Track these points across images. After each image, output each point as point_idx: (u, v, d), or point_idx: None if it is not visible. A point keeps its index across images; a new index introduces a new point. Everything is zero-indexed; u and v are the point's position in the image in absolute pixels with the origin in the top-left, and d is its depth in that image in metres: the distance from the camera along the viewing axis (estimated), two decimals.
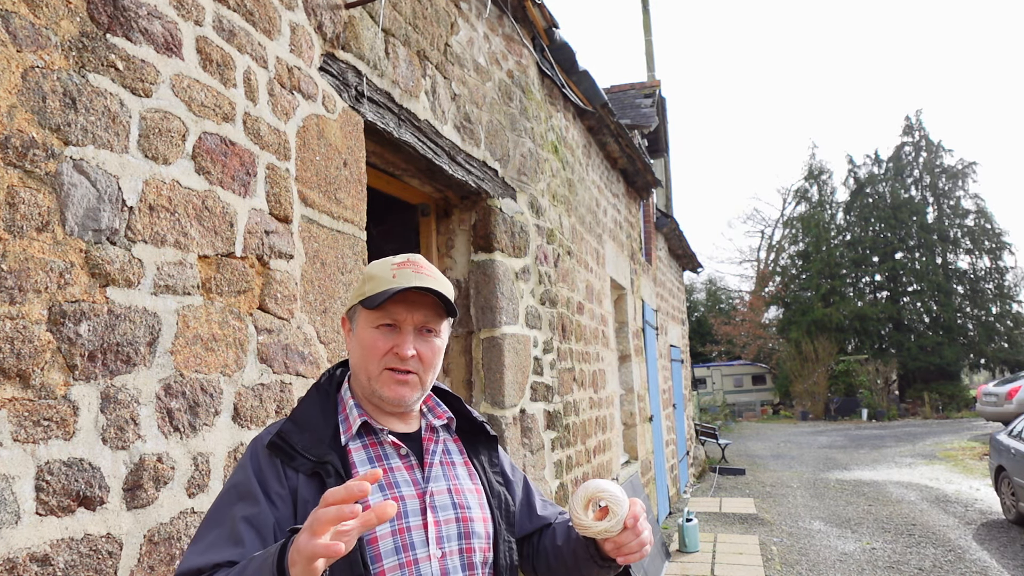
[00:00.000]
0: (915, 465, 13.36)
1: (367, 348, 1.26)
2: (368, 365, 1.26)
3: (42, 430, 1.34)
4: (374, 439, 1.26)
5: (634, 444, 7.45)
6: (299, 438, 1.21)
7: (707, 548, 7.28)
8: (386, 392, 1.25)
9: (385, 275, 1.26)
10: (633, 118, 9.05)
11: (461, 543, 1.24)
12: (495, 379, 3.70)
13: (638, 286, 8.36)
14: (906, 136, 32.73)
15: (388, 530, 1.18)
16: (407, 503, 1.21)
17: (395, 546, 1.17)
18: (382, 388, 1.25)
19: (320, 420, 1.25)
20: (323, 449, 1.20)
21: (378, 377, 1.25)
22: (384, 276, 1.26)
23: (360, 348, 1.27)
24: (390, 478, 1.23)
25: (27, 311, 1.33)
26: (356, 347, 1.28)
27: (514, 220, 4.03)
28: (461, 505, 1.27)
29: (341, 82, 2.45)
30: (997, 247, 30.54)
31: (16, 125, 1.34)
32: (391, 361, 1.25)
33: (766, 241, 39.59)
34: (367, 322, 1.26)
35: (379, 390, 1.25)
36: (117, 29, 1.58)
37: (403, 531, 1.19)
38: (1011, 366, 28.44)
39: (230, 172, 1.90)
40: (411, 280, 1.25)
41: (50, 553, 1.33)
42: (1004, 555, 6.86)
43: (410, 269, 1.28)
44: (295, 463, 1.18)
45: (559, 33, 4.64)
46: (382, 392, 1.26)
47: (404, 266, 1.28)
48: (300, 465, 1.18)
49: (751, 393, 32.40)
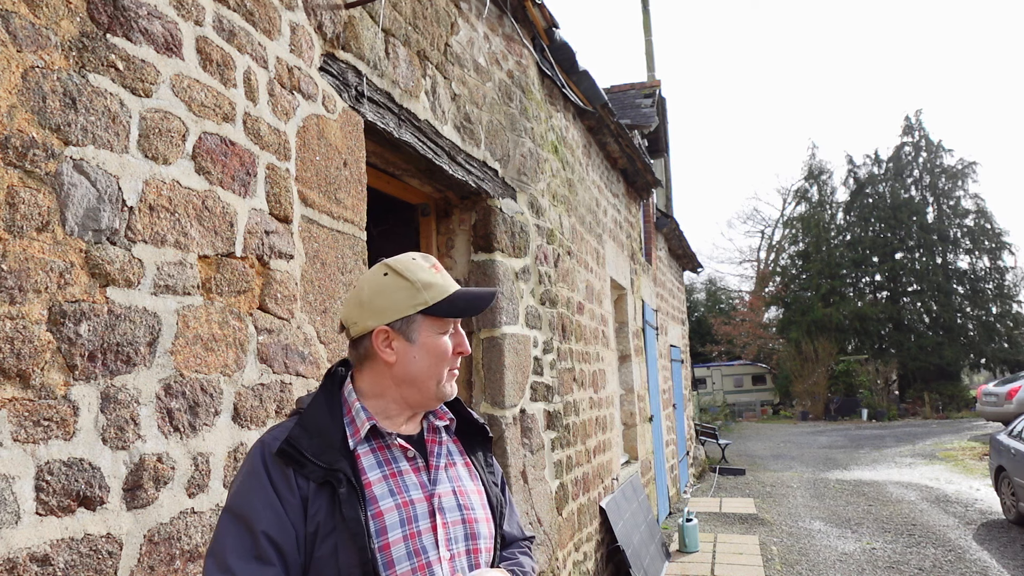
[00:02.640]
0: (915, 465, 13.36)
1: (441, 355, 1.29)
2: (440, 371, 1.29)
3: (42, 430, 1.34)
4: (381, 442, 1.26)
5: (634, 444, 7.45)
6: (308, 444, 1.18)
7: (707, 548, 7.28)
8: (448, 391, 1.31)
9: (438, 280, 1.29)
10: (633, 118, 9.05)
11: (468, 544, 1.26)
12: (495, 379, 3.70)
13: (638, 286, 8.36)
14: (906, 136, 32.73)
15: (400, 535, 1.18)
16: (416, 507, 1.21)
17: (407, 551, 1.17)
18: (446, 388, 1.31)
19: (329, 424, 1.23)
20: (334, 455, 1.18)
21: (446, 380, 1.30)
22: (439, 282, 1.29)
23: (431, 356, 1.28)
24: (399, 482, 1.22)
25: (27, 311, 1.33)
26: (423, 356, 1.27)
27: (514, 220, 4.03)
28: (466, 506, 1.28)
29: (341, 82, 2.45)
30: (997, 247, 30.53)
31: (16, 125, 1.34)
32: (453, 362, 1.31)
33: (766, 241, 39.64)
34: (434, 329, 1.28)
35: (443, 391, 1.30)
36: (117, 29, 1.58)
37: (414, 536, 1.19)
38: (1011, 366, 28.42)
39: (230, 172, 1.90)
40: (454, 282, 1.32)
41: (50, 553, 1.33)
42: (1004, 555, 6.86)
43: (444, 271, 1.34)
44: (306, 471, 1.16)
45: (559, 33, 4.64)
46: (445, 392, 1.31)
47: (440, 268, 1.33)
48: (311, 473, 1.16)
49: (751, 393, 32.40)
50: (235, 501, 1.16)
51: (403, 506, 1.20)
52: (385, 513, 1.18)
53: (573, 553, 4.63)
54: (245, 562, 1.09)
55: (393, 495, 1.20)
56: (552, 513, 4.22)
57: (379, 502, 1.18)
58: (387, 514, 1.18)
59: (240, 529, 1.12)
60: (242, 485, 1.17)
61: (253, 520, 1.12)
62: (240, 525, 1.12)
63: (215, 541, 1.14)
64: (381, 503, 1.18)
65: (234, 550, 1.10)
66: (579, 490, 4.97)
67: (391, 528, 1.17)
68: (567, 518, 4.56)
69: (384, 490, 1.20)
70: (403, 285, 1.27)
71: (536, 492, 3.97)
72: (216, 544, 1.13)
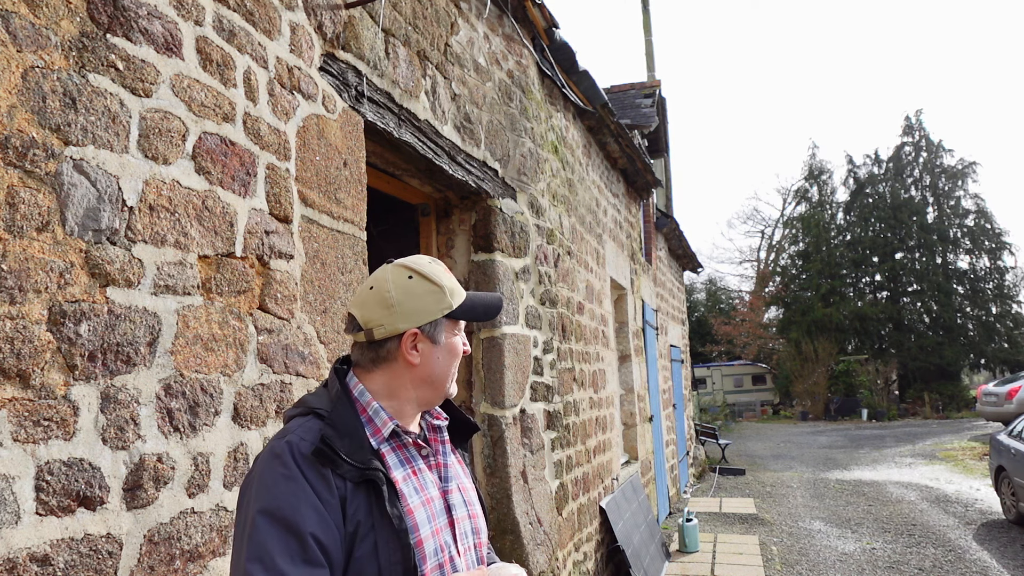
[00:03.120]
0: (915, 465, 13.36)
1: (458, 354, 1.34)
2: (454, 370, 1.34)
3: (42, 430, 1.34)
4: (398, 441, 1.27)
5: (634, 444, 7.45)
6: (342, 444, 1.16)
7: (707, 548, 7.28)
8: (454, 389, 1.35)
9: (456, 284, 1.34)
10: (633, 118, 9.05)
11: (474, 538, 1.32)
12: (495, 379, 3.70)
13: (638, 286, 8.36)
14: (906, 136, 32.73)
15: (429, 531, 1.21)
16: (436, 504, 1.25)
17: (435, 546, 1.21)
18: (453, 386, 1.35)
19: (357, 424, 1.22)
20: (366, 455, 1.18)
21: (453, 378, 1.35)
22: (456, 286, 1.33)
23: (451, 356, 1.32)
24: (420, 480, 1.25)
25: (27, 311, 1.33)
26: (445, 357, 1.31)
27: (514, 220, 4.03)
28: (469, 502, 1.33)
29: (341, 82, 2.45)
30: (997, 247, 30.52)
31: (16, 125, 1.34)
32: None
33: (766, 241, 39.64)
34: (451, 330, 1.32)
35: (451, 389, 1.34)
36: (117, 29, 1.58)
37: (438, 531, 1.23)
38: (1011, 366, 28.41)
39: (230, 172, 1.90)
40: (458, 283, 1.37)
41: (50, 553, 1.33)
42: (1004, 555, 6.86)
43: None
44: (342, 470, 1.14)
45: (559, 33, 4.64)
46: (452, 390, 1.34)
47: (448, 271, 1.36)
48: (347, 473, 1.14)
49: (751, 393, 32.39)
50: (272, 504, 1.10)
51: (427, 503, 1.23)
52: (415, 510, 1.20)
53: (573, 553, 4.63)
54: (295, 565, 1.05)
55: (418, 493, 1.23)
56: (552, 513, 4.22)
57: (408, 500, 1.21)
58: (416, 511, 1.21)
59: (284, 532, 1.08)
60: (276, 487, 1.12)
61: (298, 522, 1.08)
62: (283, 528, 1.08)
63: (257, 547, 1.07)
64: (410, 500, 1.21)
65: (282, 554, 1.06)
66: (579, 490, 4.97)
67: (421, 525, 1.20)
68: (567, 518, 4.56)
69: (410, 488, 1.22)
70: (431, 288, 1.28)
71: (536, 492, 3.97)
72: (259, 549, 1.07)
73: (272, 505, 1.09)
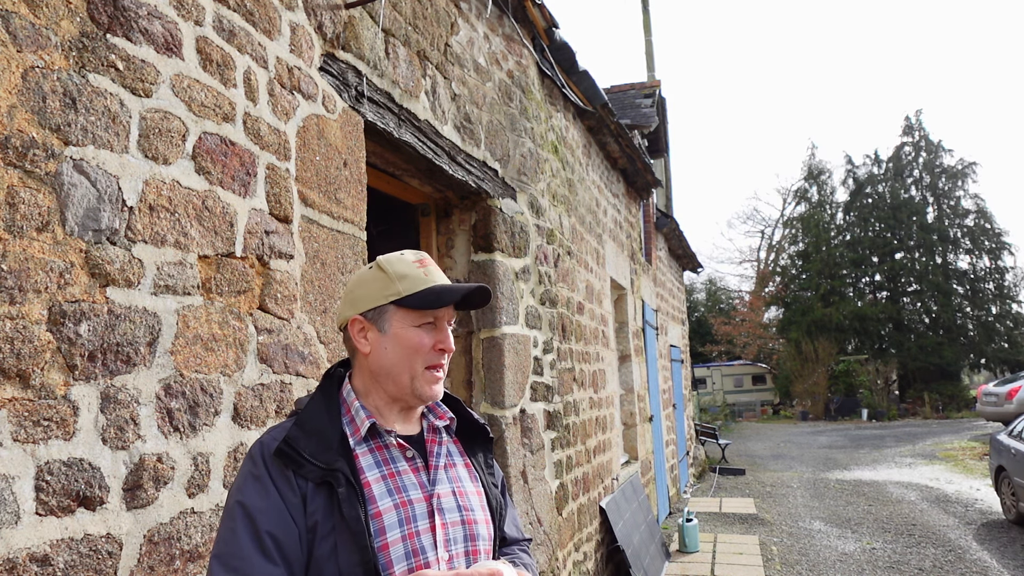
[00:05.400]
0: (915, 465, 13.36)
1: (413, 348, 1.26)
2: (413, 364, 1.26)
3: (42, 430, 1.34)
4: (379, 442, 1.25)
5: (634, 444, 7.45)
6: (306, 444, 1.18)
7: (707, 548, 7.28)
8: (427, 390, 1.27)
9: (417, 274, 1.27)
10: (633, 118, 9.04)
11: (467, 545, 1.25)
12: (495, 379, 3.70)
13: (638, 286, 8.36)
14: (906, 136, 32.74)
15: (398, 535, 1.18)
16: (415, 507, 1.21)
17: (405, 551, 1.17)
18: (424, 386, 1.27)
19: (326, 424, 1.23)
20: (331, 455, 1.18)
21: (421, 375, 1.27)
22: (417, 275, 1.27)
23: (401, 348, 1.26)
24: (398, 482, 1.22)
25: (27, 311, 1.33)
26: (394, 348, 1.26)
27: (514, 220, 4.03)
28: (465, 507, 1.28)
29: (341, 82, 2.45)
30: (997, 247, 30.53)
31: (16, 125, 1.34)
32: (433, 358, 1.28)
33: (766, 241, 39.66)
34: (406, 321, 1.26)
35: (420, 388, 1.27)
36: (117, 29, 1.58)
37: (412, 536, 1.19)
38: (1011, 366, 28.42)
39: (230, 172, 1.90)
40: (442, 278, 1.30)
41: (50, 553, 1.33)
42: (1004, 555, 6.86)
43: (433, 267, 1.31)
44: (304, 471, 1.16)
45: (559, 33, 4.64)
46: (423, 390, 1.27)
47: (426, 263, 1.31)
48: (309, 473, 1.15)
49: (751, 393, 32.40)
50: (241, 501, 1.15)
51: (401, 506, 1.20)
52: (384, 513, 1.18)
53: (573, 553, 4.63)
54: (250, 563, 1.09)
55: (391, 495, 1.20)
56: (552, 513, 4.22)
57: (377, 502, 1.18)
58: (385, 514, 1.18)
59: (245, 529, 1.11)
60: (244, 485, 1.16)
61: (259, 520, 1.11)
62: (245, 525, 1.12)
63: (219, 542, 1.13)
64: (380, 503, 1.18)
65: (239, 550, 1.10)
66: (579, 490, 4.97)
67: (389, 528, 1.17)
68: (567, 518, 4.56)
69: (382, 490, 1.20)
70: (379, 276, 1.29)
71: (536, 492, 3.97)
72: (220, 545, 1.12)
73: (236, 503, 1.15)
